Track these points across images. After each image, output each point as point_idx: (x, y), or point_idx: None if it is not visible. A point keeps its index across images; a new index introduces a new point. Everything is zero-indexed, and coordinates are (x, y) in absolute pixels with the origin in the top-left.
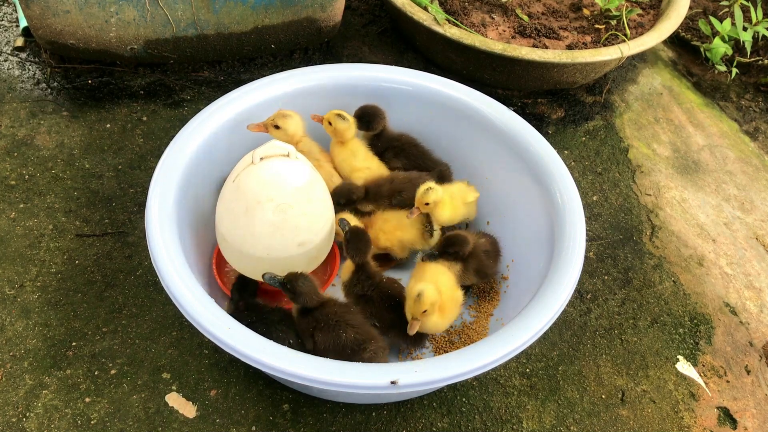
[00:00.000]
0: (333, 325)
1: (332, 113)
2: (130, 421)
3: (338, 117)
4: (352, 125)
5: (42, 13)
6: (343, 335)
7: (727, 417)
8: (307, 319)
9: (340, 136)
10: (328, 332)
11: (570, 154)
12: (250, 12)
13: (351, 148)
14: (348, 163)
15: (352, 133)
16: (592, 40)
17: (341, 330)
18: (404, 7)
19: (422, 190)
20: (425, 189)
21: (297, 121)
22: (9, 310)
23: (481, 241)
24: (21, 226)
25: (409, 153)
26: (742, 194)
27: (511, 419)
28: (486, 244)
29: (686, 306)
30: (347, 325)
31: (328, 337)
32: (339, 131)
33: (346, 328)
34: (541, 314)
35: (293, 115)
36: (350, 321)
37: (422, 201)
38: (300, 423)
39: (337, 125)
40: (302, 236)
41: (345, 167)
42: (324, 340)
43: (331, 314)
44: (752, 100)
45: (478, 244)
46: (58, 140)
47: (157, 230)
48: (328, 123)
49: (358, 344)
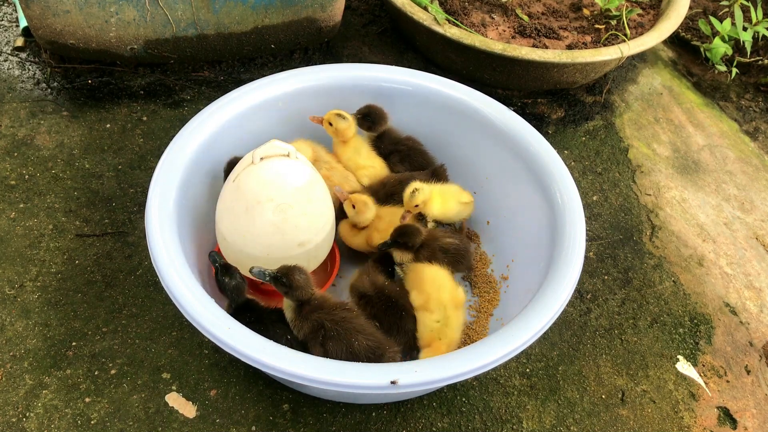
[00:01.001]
0: (343, 333)
1: (331, 113)
2: (130, 421)
3: (338, 117)
4: (352, 124)
5: (42, 13)
6: (355, 343)
7: (727, 417)
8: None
9: (341, 135)
10: (339, 341)
11: (570, 154)
12: (250, 12)
13: (354, 146)
14: (353, 161)
15: (352, 132)
16: (592, 40)
17: (352, 338)
18: (404, 7)
19: (408, 193)
20: (411, 192)
21: (351, 123)
22: (9, 310)
23: (446, 240)
24: (21, 226)
25: (413, 160)
26: (742, 194)
27: (511, 419)
28: (449, 245)
29: (686, 306)
30: (357, 332)
31: (340, 346)
32: (340, 131)
33: (357, 336)
34: (541, 314)
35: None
36: (359, 328)
37: (411, 204)
38: (300, 423)
39: (337, 125)
40: (302, 236)
41: (351, 165)
42: (336, 348)
43: (339, 320)
44: (752, 100)
45: (440, 241)
46: (58, 140)
47: (157, 230)
48: (329, 123)
49: (373, 351)
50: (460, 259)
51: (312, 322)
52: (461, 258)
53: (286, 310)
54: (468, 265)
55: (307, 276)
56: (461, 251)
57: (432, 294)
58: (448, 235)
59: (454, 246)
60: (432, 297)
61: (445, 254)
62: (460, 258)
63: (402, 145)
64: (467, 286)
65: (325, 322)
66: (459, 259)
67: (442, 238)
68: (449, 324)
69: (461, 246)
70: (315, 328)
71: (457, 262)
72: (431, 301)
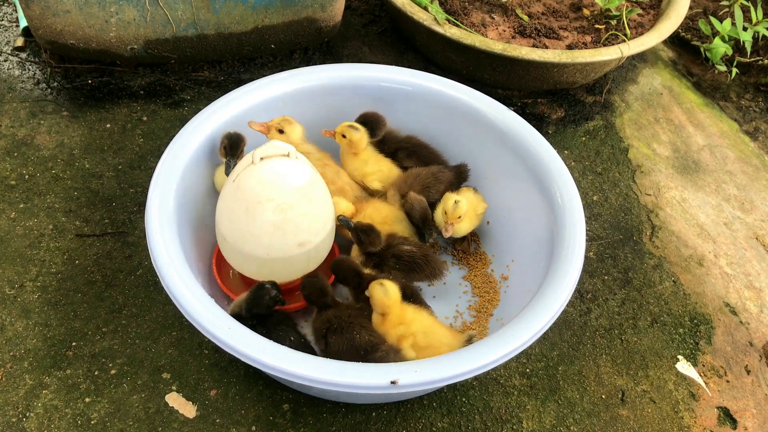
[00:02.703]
0: (347, 326)
1: (344, 125)
2: (130, 421)
3: (351, 128)
4: (364, 135)
5: (42, 13)
6: (357, 336)
7: (727, 417)
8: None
9: (354, 147)
10: (342, 334)
11: (570, 154)
12: (250, 12)
13: (363, 158)
14: (360, 171)
15: (365, 142)
16: (592, 40)
17: (355, 332)
18: (404, 7)
19: (451, 205)
20: (454, 203)
21: (299, 130)
22: (9, 310)
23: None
24: (21, 226)
25: (420, 154)
26: (742, 194)
27: (511, 419)
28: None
29: (686, 306)
30: (361, 327)
31: (343, 339)
32: (354, 142)
33: (360, 330)
34: (541, 314)
35: (297, 124)
36: (363, 323)
37: (455, 216)
38: (300, 423)
39: (351, 136)
40: (302, 236)
41: (357, 175)
42: (338, 341)
43: (344, 316)
44: (752, 100)
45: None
46: (58, 140)
47: (157, 230)
48: (342, 136)
49: (371, 345)
50: (415, 267)
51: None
52: (416, 267)
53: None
54: (430, 274)
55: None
56: (417, 260)
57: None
58: (406, 242)
59: (408, 254)
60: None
61: (398, 261)
62: (415, 267)
63: (406, 143)
64: (467, 286)
65: (332, 318)
66: (413, 267)
67: (399, 245)
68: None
69: (417, 254)
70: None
71: (411, 270)
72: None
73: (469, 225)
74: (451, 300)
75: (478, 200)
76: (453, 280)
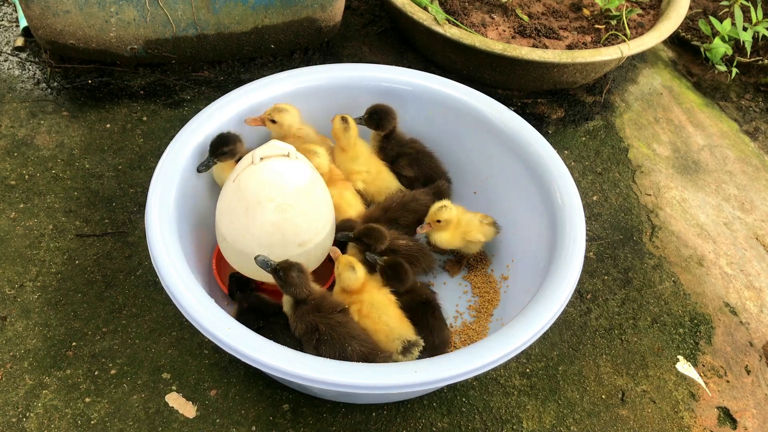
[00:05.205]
0: (337, 338)
1: (336, 116)
2: (130, 421)
3: (339, 119)
4: (352, 128)
5: (42, 13)
6: (348, 349)
7: (727, 417)
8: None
9: (341, 141)
10: (332, 346)
11: (570, 154)
12: (250, 12)
13: (352, 155)
14: (346, 167)
15: (353, 138)
16: (592, 40)
17: (346, 344)
18: (404, 7)
19: (437, 206)
20: (440, 206)
21: (293, 113)
22: (9, 310)
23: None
24: (21, 226)
25: (422, 163)
26: (742, 194)
27: (511, 419)
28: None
29: (686, 306)
30: (351, 337)
31: (334, 351)
32: (338, 134)
33: (351, 342)
34: (541, 314)
35: (289, 108)
36: (353, 332)
37: (434, 218)
38: (300, 423)
39: (335, 127)
40: (302, 236)
41: (343, 170)
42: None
43: (334, 325)
44: (752, 100)
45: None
46: (58, 140)
47: (157, 230)
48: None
49: (366, 357)
50: (412, 261)
51: (306, 323)
52: (413, 260)
53: (285, 305)
54: (426, 267)
55: (306, 275)
56: (414, 252)
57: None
58: (400, 237)
59: (405, 248)
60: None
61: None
62: (412, 260)
63: (409, 148)
64: (467, 286)
65: (319, 325)
66: (411, 261)
67: (395, 240)
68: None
69: (413, 247)
70: (310, 329)
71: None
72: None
73: (451, 239)
74: (451, 300)
75: (477, 228)
76: (453, 280)
